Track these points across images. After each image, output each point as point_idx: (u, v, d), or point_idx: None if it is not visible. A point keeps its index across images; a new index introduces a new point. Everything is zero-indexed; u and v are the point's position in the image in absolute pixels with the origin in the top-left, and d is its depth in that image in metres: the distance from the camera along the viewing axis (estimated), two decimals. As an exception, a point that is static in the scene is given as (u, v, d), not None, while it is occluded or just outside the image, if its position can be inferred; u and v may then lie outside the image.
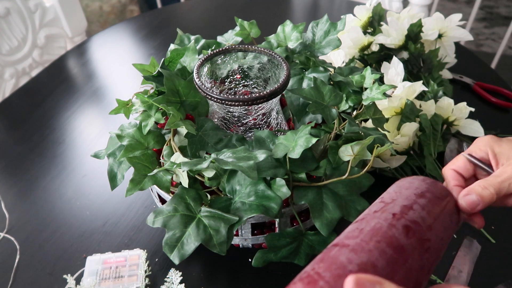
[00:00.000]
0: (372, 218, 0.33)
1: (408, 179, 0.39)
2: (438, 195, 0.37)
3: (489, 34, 2.40)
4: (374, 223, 0.33)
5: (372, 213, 0.34)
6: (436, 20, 0.85)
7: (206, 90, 0.53)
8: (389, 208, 0.34)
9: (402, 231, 0.32)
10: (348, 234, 0.32)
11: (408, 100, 0.69)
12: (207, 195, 0.54)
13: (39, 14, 1.20)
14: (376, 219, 0.33)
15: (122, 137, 0.57)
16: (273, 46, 0.69)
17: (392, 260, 0.30)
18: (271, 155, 0.52)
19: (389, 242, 0.31)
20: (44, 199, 0.73)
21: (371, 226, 0.32)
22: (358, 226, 0.33)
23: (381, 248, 0.30)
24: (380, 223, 0.32)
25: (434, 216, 0.35)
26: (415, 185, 0.38)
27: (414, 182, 0.38)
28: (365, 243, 0.30)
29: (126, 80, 1.01)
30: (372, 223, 0.33)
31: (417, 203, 0.35)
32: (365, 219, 0.34)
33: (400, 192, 0.37)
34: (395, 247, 0.31)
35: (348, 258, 0.29)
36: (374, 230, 0.32)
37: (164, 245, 0.49)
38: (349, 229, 0.33)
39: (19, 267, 0.63)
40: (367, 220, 0.33)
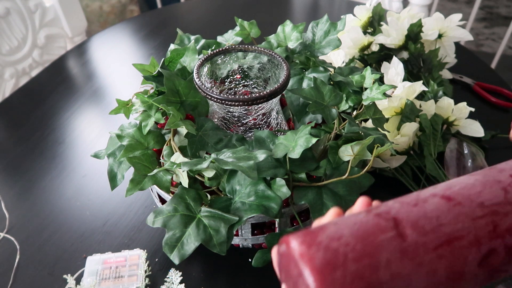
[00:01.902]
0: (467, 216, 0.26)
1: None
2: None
3: (489, 34, 2.40)
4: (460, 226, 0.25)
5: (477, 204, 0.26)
6: (436, 20, 0.85)
7: (206, 90, 0.53)
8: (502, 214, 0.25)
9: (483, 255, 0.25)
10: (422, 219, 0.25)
11: (408, 100, 0.69)
12: (207, 195, 0.54)
13: (39, 14, 1.20)
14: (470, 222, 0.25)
15: (122, 137, 0.57)
16: (273, 46, 0.69)
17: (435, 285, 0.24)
18: (271, 155, 0.52)
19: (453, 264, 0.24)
20: (44, 199, 0.73)
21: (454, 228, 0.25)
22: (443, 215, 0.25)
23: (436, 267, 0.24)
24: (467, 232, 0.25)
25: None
26: None
27: None
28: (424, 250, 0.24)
29: (126, 80, 1.01)
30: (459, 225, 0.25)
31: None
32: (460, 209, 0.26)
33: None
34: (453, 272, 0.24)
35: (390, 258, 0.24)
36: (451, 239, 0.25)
37: (164, 245, 0.49)
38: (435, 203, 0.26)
39: (19, 267, 0.63)
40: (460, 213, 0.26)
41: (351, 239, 0.24)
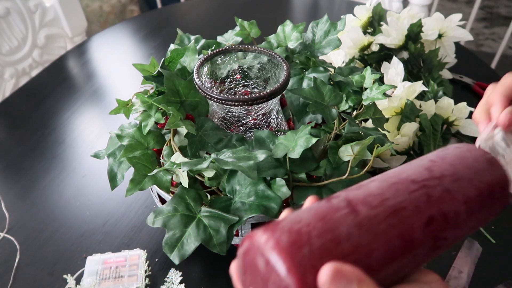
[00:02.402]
0: (404, 190, 0.29)
1: (477, 154, 0.33)
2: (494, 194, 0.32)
3: (489, 34, 2.40)
4: (401, 199, 0.28)
5: (410, 181, 0.30)
6: (436, 20, 0.85)
7: (206, 90, 0.53)
8: (431, 186, 0.29)
9: (425, 221, 0.28)
10: (368, 197, 0.28)
11: (408, 100, 0.69)
12: (207, 195, 0.54)
13: (39, 14, 1.20)
14: (407, 195, 0.29)
15: (122, 137, 0.57)
16: (273, 46, 0.69)
17: (392, 252, 0.27)
18: (271, 155, 0.52)
19: (402, 231, 0.27)
20: (44, 199, 0.73)
21: (396, 201, 0.28)
22: (385, 192, 0.29)
23: (389, 235, 0.27)
24: (408, 203, 0.28)
25: (472, 216, 0.30)
26: (479, 167, 0.32)
27: (481, 162, 0.32)
28: (377, 223, 0.27)
29: (126, 80, 1.01)
30: (400, 198, 0.28)
31: (464, 192, 0.30)
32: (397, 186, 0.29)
33: (456, 168, 0.31)
34: (405, 239, 0.27)
35: (349, 232, 0.26)
36: (396, 210, 0.28)
37: (164, 245, 0.49)
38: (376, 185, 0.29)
39: (19, 267, 0.63)
40: (398, 189, 0.29)
41: (311, 220, 0.26)
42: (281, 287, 0.24)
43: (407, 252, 0.28)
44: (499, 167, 0.33)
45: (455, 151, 0.33)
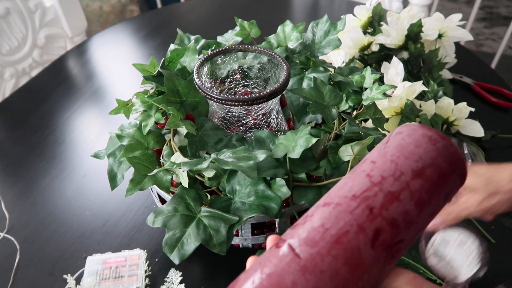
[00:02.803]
0: (346, 211, 0.28)
1: (418, 135, 0.31)
2: (444, 171, 0.30)
3: (489, 34, 2.40)
4: (343, 223, 0.28)
5: (351, 198, 0.29)
6: (436, 20, 0.85)
7: (206, 90, 0.53)
8: (372, 196, 0.29)
9: (371, 237, 0.27)
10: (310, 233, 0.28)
11: (408, 100, 0.69)
12: (207, 195, 0.54)
13: (39, 14, 1.20)
14: (349, 216, 0.28)
15: (122, 137, 0.57)
16: (273, 46, 0.69)
17: (343, 283, 0.26)
18: (271, 155, 0.52)
19: (349, 258, 0.27)
20: (44, 199, 0.73)
21: (338, 228, 0.28)
22: (326, 222, 0.28)
23: (336, 267, 0.26)
24: (349, 225, 0.28)
25: (423, 207, 0.29)
26: (421, 150, 0.30)
27: (422, 145, 0.31)
28: (320, 259, 0.27)
29: (126, 80, 1.01)
30: (341, 222, 0.28)
31: (408, 187, 0.29)
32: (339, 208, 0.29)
33: (396, 163, 0.30)
34: (353, 264, 0.27)
35: (294, 280, 0.26)
36: (338, 237, 0.27)
37: (164, 245, 0.49)
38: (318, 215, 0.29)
39: (19, 267, 0.63)
40: (339, 212, 0.28)
41: (259, 280, 0.27)
42: None
43: (360, 275, 0.27)
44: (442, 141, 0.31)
45: (395, 139, 0.32)
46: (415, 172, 0.29)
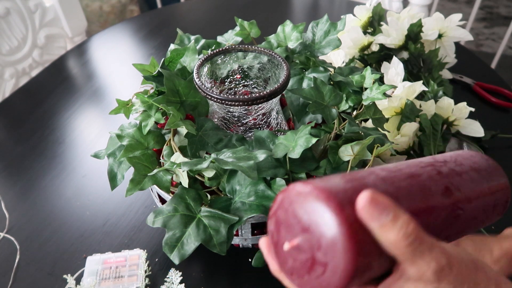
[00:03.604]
0: (415, 166, 0.31)
1: (471, 152, 0.37)
2: (494, 177, 0.35)
3: (489, 34, 2.40)
4: (415, 169, 0.31)
5: (417, 163, 0.32)
6: (436, 20, 0.85)
7: (206, 90, 0.53)
8: (437, 166, 0.32)
9: (441, 188, 0.30)
10: (385, 167, 0.30)
11: (408, 100, 0.69)
12: (207, 195, 0.54)
13: (39, 14, 1.20)
14: (419, 168, 0.31)
15: (122, 137, 0.57)
16: (273, 46, 0.69)
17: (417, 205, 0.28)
18: (271, 155, 0.52)
19: (423, 190, 0.29)
20: (44, 199, 0.73)
21: (411, 170, 0.30)
22: (399, 166, 0.31)
23: (411, 191, 0.29)
24: (422, 173, 0.31)
25: (479, 193, 0.33)
26: (476, 159, 0.36)
27: (476, 157, 0.36)
28: (398, 180, 0.29)
29: (126, 80, 1.01)
30: (414, 169, 0.31)
31: (468, 174, 0.33)
32: (408, 164, 0.32)
33: (456, 158, 0.35)
34: (425, 196, 0.29)
35: (375, 183, 0.28)
36: (412, 175, 0.30)
37: (164, 245, 0.49)
38: (389, 165, 0.32)
39: (19, 267, 0.63)
40: (409, 165, 0.31)
41: (338, 177, 0.28)
42: (323, 224, 0.26)
43: (429, 208, 0.29)
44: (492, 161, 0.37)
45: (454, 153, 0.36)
46: (473, 168, 0.34)
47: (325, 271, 0.26)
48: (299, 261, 0.28)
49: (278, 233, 0.29)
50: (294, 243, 0.27)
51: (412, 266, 0.27)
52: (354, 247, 0.25)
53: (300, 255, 0.27)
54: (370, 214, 0.25)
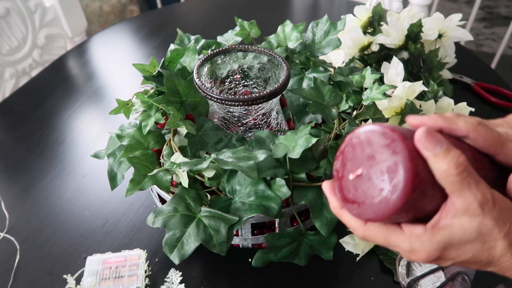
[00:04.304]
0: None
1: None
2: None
3: (489, 34, 2.40)
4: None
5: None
6: (436, 20, 0.85)
7: (206, 90, 0.53)
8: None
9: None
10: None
11: (408, 100, 0.69)
12: (207, 195, 0.54)
13: (39, 14, 1.20)
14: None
15: (122, 137, 0.57)
16: (273, 46, 0.69)
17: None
18: (271, 155, 0.52)
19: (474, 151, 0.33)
20: (44, 199, 0.73)
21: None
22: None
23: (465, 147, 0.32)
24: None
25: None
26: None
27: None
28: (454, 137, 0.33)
29: (126, 80, 1.01)
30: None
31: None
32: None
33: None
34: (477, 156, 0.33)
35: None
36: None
37: (164, 245, 0.49)
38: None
39: (19, 267, 0.63)
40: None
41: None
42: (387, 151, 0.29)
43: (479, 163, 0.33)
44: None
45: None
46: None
47: (385, 192, 0.29)
48: (362, 189, 0.31)
49: (344, 167, 0.32)
50: (359, 172, 0.31)
51: (460, 197, 0.29)
52: (413, 169, 0.28)
53: (363, 183, 0.31)
54: (426, 144, 0.29)
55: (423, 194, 0.29)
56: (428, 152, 0.29)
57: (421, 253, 0.31)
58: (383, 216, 0.30)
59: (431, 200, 0.30)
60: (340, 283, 0.60)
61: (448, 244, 0.31)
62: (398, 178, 0.28)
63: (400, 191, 0.28)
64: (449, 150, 0.29)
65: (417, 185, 0.28)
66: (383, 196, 0.29)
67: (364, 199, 0.31)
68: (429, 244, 0.31)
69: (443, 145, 0.29)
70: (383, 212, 0.29)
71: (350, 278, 0.60)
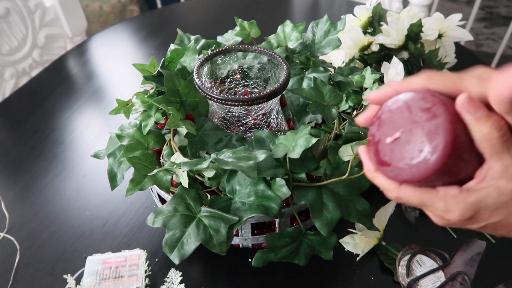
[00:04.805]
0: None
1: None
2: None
3: (489, 34, 2.40)
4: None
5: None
6: (436, 20, 0.85)
7: (206, 90, 0.53)
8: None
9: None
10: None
11: (408, 100, 0.69)
12: (207, 195, 0.54)
13: (39, 14, 1.20)
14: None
15: (122, 137, 0.57)
16: (273, 46, 0.69)
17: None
18: (271, 155, 0.52)
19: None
20: (44, 199, 0.73)
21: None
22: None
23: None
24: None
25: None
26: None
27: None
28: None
29: (126, 80, 1.01)
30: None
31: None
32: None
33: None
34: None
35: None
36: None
37: (164, 245, 0.49)
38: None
39: (19, 267, 0.63)
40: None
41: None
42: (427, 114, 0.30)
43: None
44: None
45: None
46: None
47: (424, 154, 0.29)
48: (399, 152, 0.31)
49: (380, 132, 0.33)
50: (397, 135, 0.31)
51: (499, 160, 0.30)
52: (454, 131, 0.28)
53: (401, 146, 0.31)
54: (470, 108, 0.29)
55: (461, 158, 0.30)
56: (471, 116, 0.29)
57: (455, 212, 0.32)
58: (421, 177, 0.30)
59: (467, 164, 0.31)
60: (340, 283, 0.60)
61: (483, 205, 0.31)
62: (438, 140, 0.29)
63: (440, 152, 0.29)
64: (490, 114, 0.29)
65: (457, 148, 0.29)
66: (421, 157, 0.30)
67: (401, 160, 0.31)
68: (464, 204, 0.32)
69: (484, 111, 0.29)
70: (421, 173, 0.30)
71: (350, 278, 0.60)
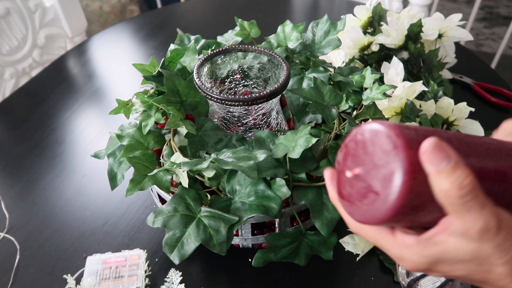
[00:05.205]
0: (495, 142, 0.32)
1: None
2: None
3: (489, 34, 2.40)
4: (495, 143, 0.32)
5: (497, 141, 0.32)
6: (436, 20, 0.85)
7: (206, 90, 0.53)
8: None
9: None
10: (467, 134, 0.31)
11: (408, 100, 0.69)
12: (207, 195, 0.54)
13: (39, 14, 1.20)
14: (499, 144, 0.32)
15: (122, 137, 0.57)
16: (273, 46, 0.69)
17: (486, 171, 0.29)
18: (271, 155, 0.52)
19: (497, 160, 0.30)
20: (44, 199, 0.73)
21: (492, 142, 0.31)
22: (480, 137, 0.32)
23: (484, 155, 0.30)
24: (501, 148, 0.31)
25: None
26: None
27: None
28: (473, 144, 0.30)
29: (126, 80, 1.01)
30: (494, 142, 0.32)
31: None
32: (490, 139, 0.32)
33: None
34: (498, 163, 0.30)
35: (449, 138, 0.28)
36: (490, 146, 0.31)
37: (164, 245, 0.49)
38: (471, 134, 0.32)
39: (19, 267, 0.63)
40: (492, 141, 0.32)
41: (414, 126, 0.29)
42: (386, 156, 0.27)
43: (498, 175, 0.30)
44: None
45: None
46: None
47: (376, 200, 0.28)
48: (356, 189, 0.30)
49: (344, 162, 0.31)
50: (356, 171, 0.30)
51: (459, 219, 0.27)
52: (409, 183, 0.26)
53: (358, 183, 0.30)
54: (431, 159, 0.26)
55: (420, 208, 0.28)
56: (431, 167, 0.26)
57: (408, 262, 0.30)
58: (370, 223, 0.29)
59: (429, 213, 0.29)
60: (340, 283, 0.60)
61: (440, 260, 0.29)
62: (391, 190, 0.27)
63: (390, 203, 0.27)
64: (456, 168, 0.26)
65: (411, 200, 0.27)
66: (373, 203, 0.28)
67: (357, 200, 0.30)
68: (418, 257, 0.30)
69: (450, 162, 0.26)
70: (371, 219, 0.29)
71: (350, 278, 0.60)
